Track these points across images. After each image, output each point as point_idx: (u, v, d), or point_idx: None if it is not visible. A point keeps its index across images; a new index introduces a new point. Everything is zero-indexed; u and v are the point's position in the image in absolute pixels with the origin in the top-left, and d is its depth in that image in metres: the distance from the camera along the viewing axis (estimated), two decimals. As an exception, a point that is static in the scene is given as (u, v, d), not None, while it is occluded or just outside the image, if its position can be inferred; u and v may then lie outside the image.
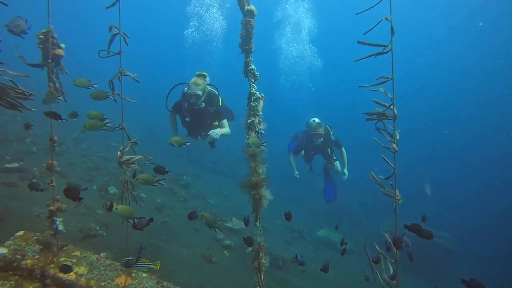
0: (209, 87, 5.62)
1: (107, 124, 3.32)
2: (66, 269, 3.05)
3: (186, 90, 5.35)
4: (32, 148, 9.36)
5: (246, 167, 3.33)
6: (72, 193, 2.87)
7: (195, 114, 5.48)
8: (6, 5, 3.40)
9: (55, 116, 3.40)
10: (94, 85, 3.55)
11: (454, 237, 13.64)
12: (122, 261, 3.31)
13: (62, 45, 4.12)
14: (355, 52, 2.93)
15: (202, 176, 14.97)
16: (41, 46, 3.87)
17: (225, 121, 5.75)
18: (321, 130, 7.06)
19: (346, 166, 7.43)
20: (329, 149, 7.50)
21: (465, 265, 13.43)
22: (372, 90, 2.65)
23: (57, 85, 4.11)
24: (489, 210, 19.23)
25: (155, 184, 3.45)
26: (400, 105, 2.69)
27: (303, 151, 7.75)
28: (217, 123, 5.65)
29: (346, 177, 7.44)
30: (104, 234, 6.09)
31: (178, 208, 9.51)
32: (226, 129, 5.68)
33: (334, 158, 7.58)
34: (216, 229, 3.74)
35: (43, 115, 3.47)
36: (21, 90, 3.68)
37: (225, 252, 7.66)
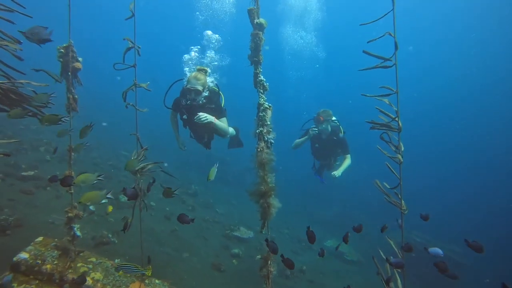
0: (211, 84, 5.27)
1: (99, 177, 3.28)
2: (82, 280, 3.22)
3: (185, 85, 5.00)
4: (46, 156, 9.61)
5: (254, 177, 3.43)
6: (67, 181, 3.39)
7: (193, 112, 4.95)
8: (30, 16, 3.62)
9: (54, 119, 3.48)
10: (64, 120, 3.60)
11: (466, 251, 13.49)
12: (116, 266, 3.40)
13: (80, 59, 4.34)
14: (359, 54, 3.01)
15: (210, 186, 15.09)
16: (61, 59, 4.06)
17: (224, 119, 5.18)
18: (323, 116, 6.68)
19: (342, 170, 6.79)
20: (332, 158, 7.15)
21: (478, 279, 13.27)
22: (377, 99, 2.76)
23: (76, 96, 4.31)
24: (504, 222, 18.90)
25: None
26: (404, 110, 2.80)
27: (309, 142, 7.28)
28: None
29: (336, 175, 6.63)
30: (116, 241, 6.24)
31: (187, 217, 9.63)
32: (224, 125, 5.13)
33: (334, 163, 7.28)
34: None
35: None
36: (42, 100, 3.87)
37: (234, 260, 7.74)
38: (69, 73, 4.06)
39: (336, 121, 6.93)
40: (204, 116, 4.76)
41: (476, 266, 13.28)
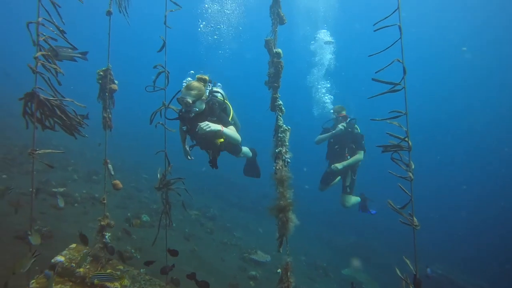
0: (218, 95, 4.77)
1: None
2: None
3: None
4: (74, 175, 10.14)
5: (272, 199, 3.63)
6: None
7: (191, 122, 4.52)
8: (76, 48, 4.04)
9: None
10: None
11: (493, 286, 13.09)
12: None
13: (116, 81, 4.75)
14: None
15: (228, 210, 15.27)
16: (100, 81, 4.47)
17: (231, 127, 4.48)
18: (344, 112, 6.56)
19: (346, 164, 6.46)
20: (346, 154, 6.64)
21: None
22: (388, 122, 2.99)
23: (110, 115, 4.68)
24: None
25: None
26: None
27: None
28: (222, 140, 4.51)
29: (338, 167, 6.37)
30: (139, 257, 6.48)
31: (205, 238, 9.83)
32: (230, 130, 4.40)
33: (350, 188, 6.78)
34: None
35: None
36: (79, 118, 4.24)
37: (251, 282, 7.83)
38: (106, 94, 4.42)
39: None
40: (206, 125, 4.14)
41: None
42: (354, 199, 6.94)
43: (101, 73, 4.48)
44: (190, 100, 4.30)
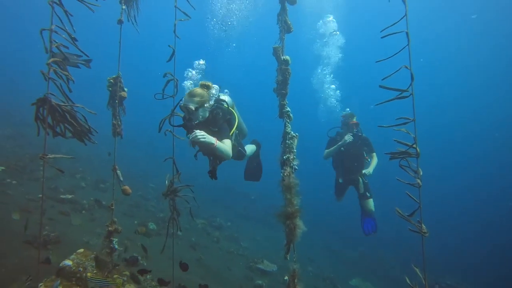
0: (224, 104, 4.57)
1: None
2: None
3: None
4: (81, 183, 10.25)
5: (281, 202, 3.64)
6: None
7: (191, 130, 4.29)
8: (87, 56, 4.12)
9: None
10: None
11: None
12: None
13: (126, 89, 4.82)
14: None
15: (235, 221, 15.21)
16: (110, 88, 4.53)
17: (227, 141, 4.29)
18: (355, 119, 6.38)
19: (373, 168, 6.53)
20: (359, 164, 6.57)
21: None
22: (395, 129, 2.99)
23: (119, 123, 4.74)
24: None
25: None
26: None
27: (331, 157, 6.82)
28: None
29: (367, 174, 6.44)
30: (145, 264, 6.48)
31: (212, 247, 9.80)
32: (223, 146, 4.19)
33: (368, 192, 6.65)
34: None
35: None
36: (88, 126, 4.29)
37: (257, 291, 7.78)
38: (116, 101, 4.48)
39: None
40: (201, 134, 4.00)
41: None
42: (372, 202, 6.76)
43: (111, 80, 4.56)
44: (192, 107, 4.14)
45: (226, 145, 4.23)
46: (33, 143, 11.73)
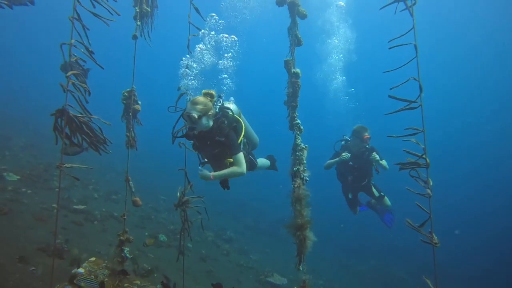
0: (229, 112, 4.33)
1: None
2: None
3: None
4: (94, 194, 10.40)
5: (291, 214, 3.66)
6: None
7: (202, 143, 4.29)
8: (102, 67, 4.23)
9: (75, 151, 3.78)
10: None
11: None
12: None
13: (139, 102, 4.94)
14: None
15: (245, 233, 15.15)
16: (124, 101, 4.65)
17: (240, 156, 4.21)
18: (368, 133, 6.17)
19: (386, 163, 6.30)
20: (369, 175, 6.47)
21: None
22: (403, 140, 3.02)
23: (132, 135, 4.83)
24: None
25: None
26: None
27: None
28: (230, 159, 4.23)
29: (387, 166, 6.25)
30: (156, 275, 6.51)
31: (222, 260, 9.79)
32: (234, 168, 4.18)
33: (381, 193, 6.63)
34: None
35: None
36: (104, 137, 4.39)
37: (267, 305, 7.72)
38: (130, 114, 4.59)
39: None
40: (201, 173, 4.13)
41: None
42: (387, 200, 6.73)
43: (126, 93, 4.68)
44: (195, 115, 3.91)
45: (235, 167, 4.16)
46: (47, 153, 11.95)
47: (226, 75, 5.22)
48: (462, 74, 33.61)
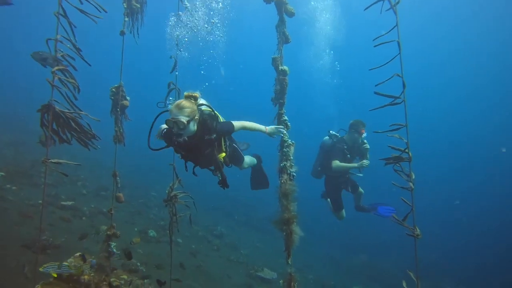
0: (204, 108, 3.99)
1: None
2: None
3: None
4: (83, 190, 10.34)
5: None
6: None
7: (190, 149, 3.88)
8: (89, 64, 4.20)
9: None
10: None
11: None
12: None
13: (128, 98, 4.93)
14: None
15: (236, 229, 15.19)
16: (112, 97, 4.64)
17: (237, 125, 4.01)
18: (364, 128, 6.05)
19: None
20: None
21: None
22: (388, 135, 3.07)
23: (121, 130, 4.83)
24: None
25: None
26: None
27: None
28: (224, 154, 4.12)
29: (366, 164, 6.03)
30: (144, 270, 6.53)
31: (212, 255, 9.83)
32: (243, 123, 4.05)
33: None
34: None
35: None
36: (92, 133, 4.36)
37: (256, 299, 7.79)
38: (118, 110, 4.58)
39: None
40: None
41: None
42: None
43: (114, 89, 4.67)
44: (184, 121, 3.51)
45: (242, 122, 4.02)
46: (34, 150, 11.82)
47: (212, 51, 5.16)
48: (453, 71, 33.97)
